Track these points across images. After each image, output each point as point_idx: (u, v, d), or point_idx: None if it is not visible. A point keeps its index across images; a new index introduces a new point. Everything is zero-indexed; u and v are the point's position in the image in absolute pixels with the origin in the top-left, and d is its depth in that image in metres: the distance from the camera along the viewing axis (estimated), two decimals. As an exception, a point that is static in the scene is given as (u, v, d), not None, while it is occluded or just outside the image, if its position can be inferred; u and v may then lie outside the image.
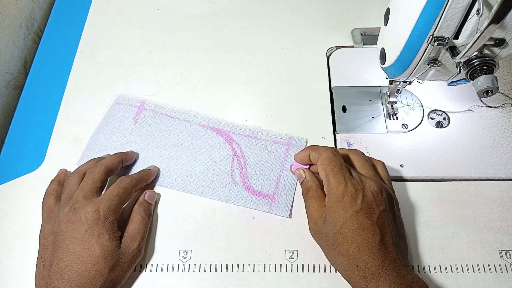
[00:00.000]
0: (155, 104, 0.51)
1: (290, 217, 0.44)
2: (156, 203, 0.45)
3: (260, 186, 0.45)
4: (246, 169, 0.46)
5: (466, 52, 0.33)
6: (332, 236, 0.37)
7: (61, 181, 0.44)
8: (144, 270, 0.41)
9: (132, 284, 0.41)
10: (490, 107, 0.50)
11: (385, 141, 0.48)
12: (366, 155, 0.47)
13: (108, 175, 0.43)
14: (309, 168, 0.43)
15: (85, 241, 0.37)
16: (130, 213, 0.42)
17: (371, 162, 0.42)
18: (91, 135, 0.49)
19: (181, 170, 0.47)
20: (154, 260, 0.42)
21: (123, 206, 0.42)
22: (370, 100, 0.52)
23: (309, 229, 0.40)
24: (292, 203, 0.45)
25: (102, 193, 0.41)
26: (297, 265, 0.42)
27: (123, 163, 0.45)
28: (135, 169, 0.47)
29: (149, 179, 0.45)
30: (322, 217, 0.38)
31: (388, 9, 0.39)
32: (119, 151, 0.47)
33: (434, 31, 0.34)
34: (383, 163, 0.43)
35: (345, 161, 0.40)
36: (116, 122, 0.50)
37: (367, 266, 0.35)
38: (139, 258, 0.40)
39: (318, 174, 0.40)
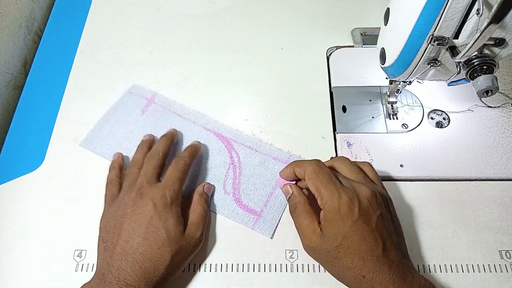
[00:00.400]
0: (165, 99, 0.52)
1: (272, 237, 0.43)
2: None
3: (250, 200, 0.45)
4: (239, 180, 0.46)
5: (466, 52, 0.33)
6: (333, 250, 0.36)
7: (121, 166, 0.46)
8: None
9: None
10: (490, 107, 0.50)
11: (385, 141, 0.48)
12: (366, 154, 0.47)
13: (165, 160, 0.44)
14: (296, 183, 0.42)
15: (152, 225, 0.38)
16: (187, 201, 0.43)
17: (357, 165, 0.42)
18: (99, 118, 0.51)
19: None
20: (154, 260, 0.42)
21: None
22: (370, 100, 0.52)
23: (304, 247, 0.39)
24: (277, 224, 0.44)
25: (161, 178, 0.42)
26: (297, 265, 0.42)
27: (172, 143, 0.47)
28: None
29: (198, 153, 0.47)
30: (317, 233, 0.37)
31: (388, 9, 0.39)
32: (126, 139, 0.49)
33: (434, 31, 0.34)
34: (369, 164, 0.43)
35: (332, 170, 0.40)
36: (124, 110, 0.51)
37: (374, 276, 0.34)
38: (199, 247, 0.41)
39: (307, 189, 0.40)
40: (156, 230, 0.37)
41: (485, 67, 0.35)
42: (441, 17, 0.33)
